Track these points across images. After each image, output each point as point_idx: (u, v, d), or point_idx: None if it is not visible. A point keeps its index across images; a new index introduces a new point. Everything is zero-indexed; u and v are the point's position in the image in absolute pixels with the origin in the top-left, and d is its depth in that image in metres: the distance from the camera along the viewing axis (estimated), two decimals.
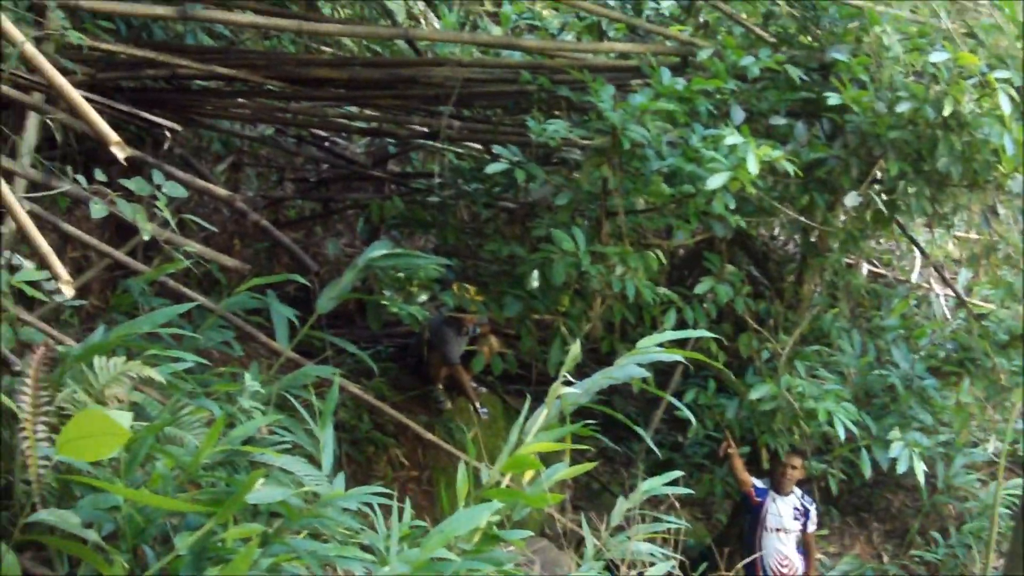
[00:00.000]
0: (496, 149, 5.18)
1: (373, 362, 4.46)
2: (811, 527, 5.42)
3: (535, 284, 4.77)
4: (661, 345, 3.25)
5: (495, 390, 5.91)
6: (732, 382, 5.06)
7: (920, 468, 5.03)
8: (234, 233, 6.27)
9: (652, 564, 3.42)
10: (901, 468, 4.96)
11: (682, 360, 3.62)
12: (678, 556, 3.62)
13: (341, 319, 5.96)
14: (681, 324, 4.80)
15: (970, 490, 6.23)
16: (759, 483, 5.39)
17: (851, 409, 4.89)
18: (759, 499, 5.35)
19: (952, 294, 6.14)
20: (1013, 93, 4.58)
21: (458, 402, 5.69)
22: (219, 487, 2.73)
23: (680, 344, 3.73)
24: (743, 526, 5.53)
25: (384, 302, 5.00)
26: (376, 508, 2.90)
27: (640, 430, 3.74)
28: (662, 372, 5.71)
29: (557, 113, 5.10)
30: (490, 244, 5.32)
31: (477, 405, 5.59)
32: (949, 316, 6.33)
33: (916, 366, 5.49)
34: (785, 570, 5.35)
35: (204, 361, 3.45)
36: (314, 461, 3.10)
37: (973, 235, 6.44)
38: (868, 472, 5.13)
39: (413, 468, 5.37)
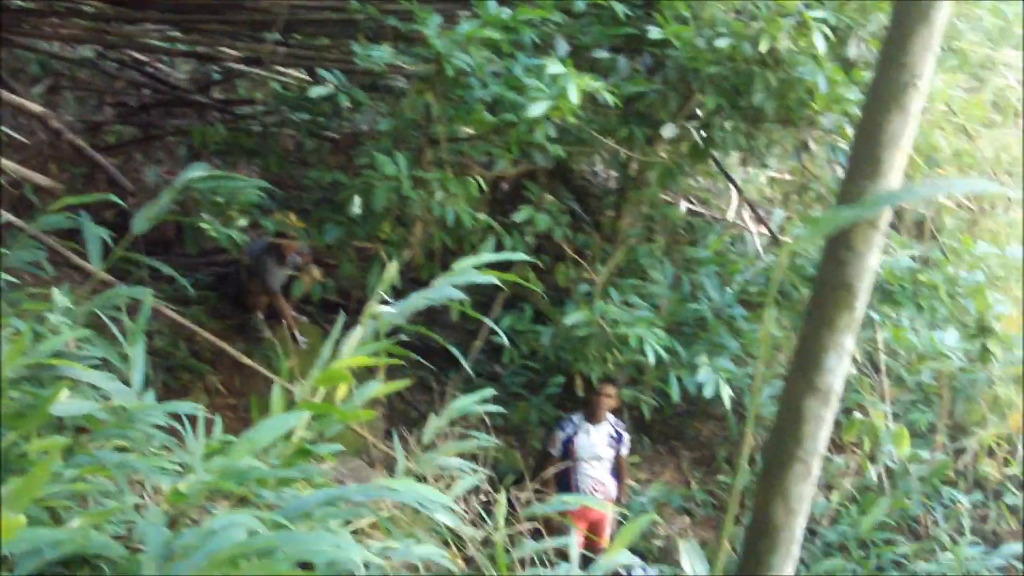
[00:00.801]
0: (321, 73, 5.69)
1: (193, 290, 4.92)
2: (624, 452, 6.30)
3: (357, 211, 5.35)
4: (478, 269, 3.83)
5: (315, 320, 6.50)
6: (548, 308, 5.85)
7: (727, 393, 5.98)
8: (50, 157, 6.49)
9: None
10: (708, 392, 5.90)
11: (501, 287, 4.25)
12: (489, 472, 4.28)
13: (160, 246, 6.37)
14: (500, 252, 5.52)
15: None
16: (571, 419, 6.16)
17: (662, 335, 5.77)
18: (569, 432, 6.09)
19: (766, 232, 7.19)
20: (828, 32, 5.46)
21: (278, 331, 6.24)
22: (23, 401, 2.87)
23: (501, 272, 4.37)
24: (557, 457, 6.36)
25: (202, 225, 5.45)
26: (188, 426, 3.12)
27: (456, 352, 4.33)
28: (482, 305, 6.44)
29: (384, 43, 5.66)
30: (313, 171, 5.85)
31: (296, 334, 6.17)
32: (762, 253, 7.38)
33: (727, 298, 6.44)
34: (598, 495, 6.17)
35: (14, 280, 3.81)
36: (125, 381, 3.44)
37: (787, 176, 7.50)
38: (676, 396, 6.04)
39: (231, 396, 5.90)
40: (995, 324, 6.82)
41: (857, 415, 6.81)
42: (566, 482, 6.02)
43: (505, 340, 4.52)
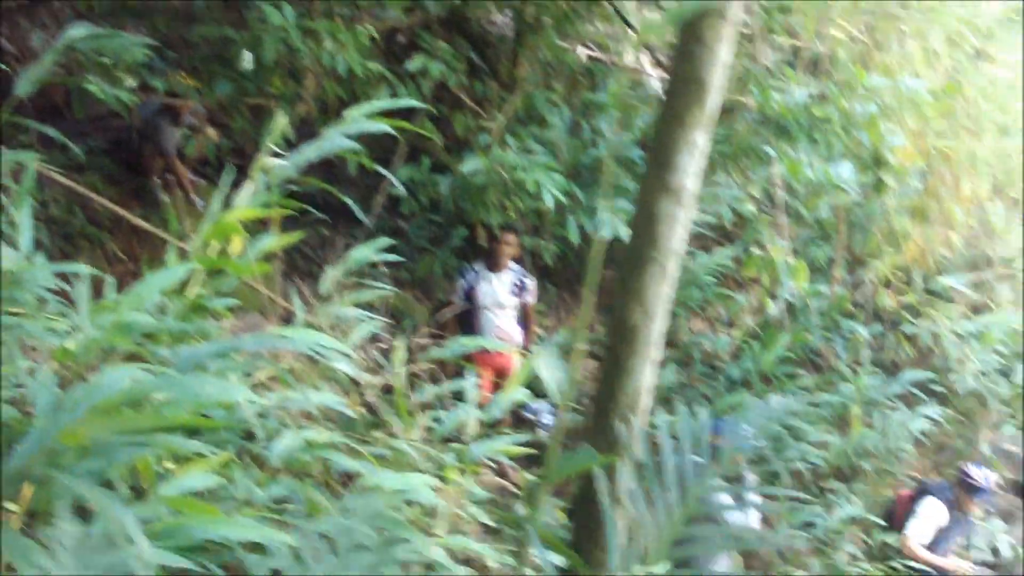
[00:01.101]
0: None
1: (86, 156, 5.38)
2: (529, 299, 7.02)
3: (247, 66, 5.85)
4: (370, 118, 4.20)
5: (213, 181, 7.06)
6: (445, 157, 6.51)
7: (625, 232, 6.71)
8: None
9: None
10: (607, 234, 6.61)
11: (401, 139, 4.81)
12: (387, 319, 4.85)
13: (49, 113, 6.77)
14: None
15: (680, 261, 8.22)
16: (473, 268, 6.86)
17: (560, 180, 6.46)
18: (471, 280, 6.78)
19: (665, 75, 7.88)
20: None
21: (175, 194, 6.78)
22: None
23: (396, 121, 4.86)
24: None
25: (90, 87, 5.89)
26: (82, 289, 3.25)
27: (351, 204, 4.71)
28: (383, 159, 7.02)
29: None
30: (202, 28, 6.28)
31: (193, 196, 6.73)
32: (663, 95, 8.08)
33: (625, 141, 7.15)
34: (503, 343, 6.85)
35: None
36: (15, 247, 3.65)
37: None
38: (575, 238, 6.78)
39: (130, 262, 6.46)
40: (889, 156, 7.69)
41: (756, 251, 7.69)
42: (472, 331, 6.76)
43: (402, 190, 5.16)
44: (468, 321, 6.85)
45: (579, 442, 3.18)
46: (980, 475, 6.89)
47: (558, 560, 2.87)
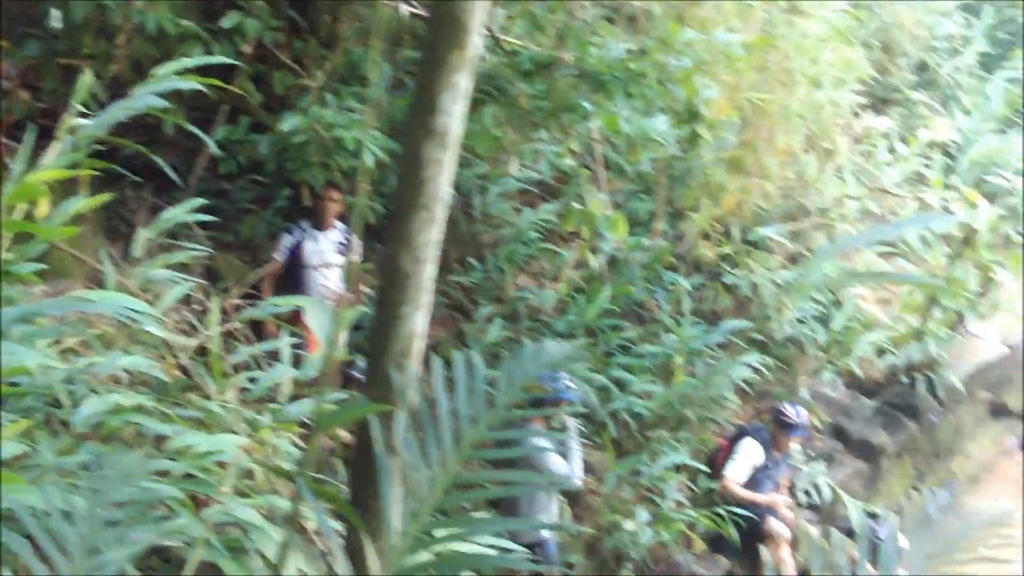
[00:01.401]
0: None
1: None
2: (355, 258, 7.62)
3: (57, 25, 6.20)
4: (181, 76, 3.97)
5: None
6: (264, 117, 7.03)
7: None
8: None
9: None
10: None
11: (221, 100, 5.22)
12: (205, 282, 5.27)
13: None
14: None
15: (505, 218, 9.00)
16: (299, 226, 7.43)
17: (379, 136, 7.08)
18: (296, 238, 7.36)
19: (487, 32, 8.58)
20: None
21: None
22: None
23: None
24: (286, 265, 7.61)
25: None
26: None
27: (163, 164, 4.60)
28: (204, 120, 7.44)
29: None
30: None
31: (6, 160, 7.00)
32: (486, 54, 8.79)
33: None
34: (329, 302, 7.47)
35: None
36: None
37: None
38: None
39: None
40: (703, 109, 8.63)
41: (575, 205, 8.54)
42: (297, 291, 7.34)
43: (215, 149, 5.63)
44: (294, 280, 7.43)
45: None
46: (793, 413, 8.02)
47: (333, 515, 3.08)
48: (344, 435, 5.43)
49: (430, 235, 2.97)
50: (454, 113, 3.02)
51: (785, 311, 9.80)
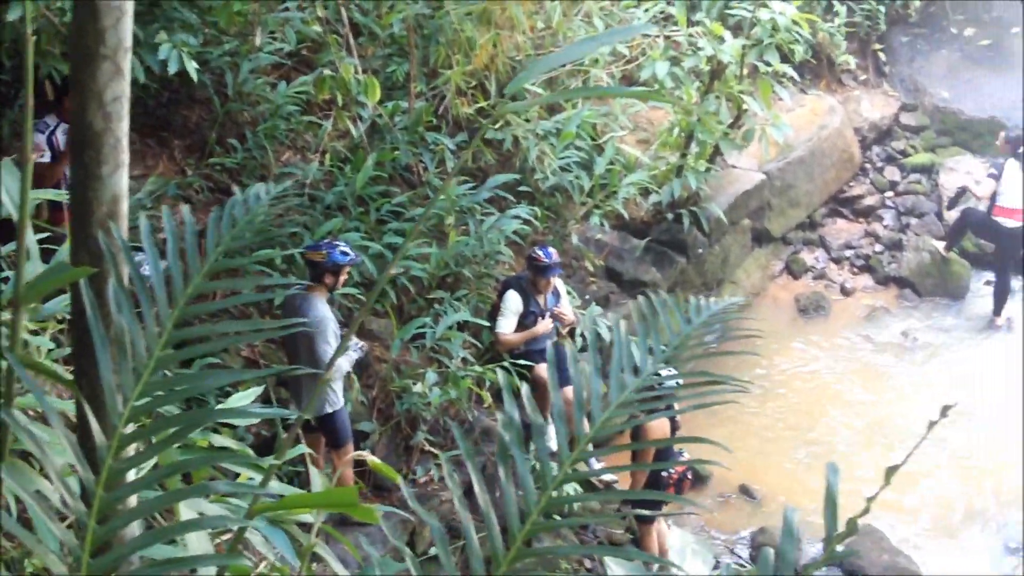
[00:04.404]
0: None
1: None
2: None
3: None
4: None
5: None
6: None
7: (192, 67, 8.04)
8: None
9: None
10: (172, 68, 7.92)
11: None
12: None
13: None
14: None
15: (261, 95, 9.68)
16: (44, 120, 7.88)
17: None
18: (48, 132, 7.81)
19: None
20: None
21: None
22: None
23: None
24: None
25: None
26: None
27: None
28: None
29: None
30: None
31: None
32: None
33: None
34: None
35: None
36: None
37: None
38: (142, 76, 7.95)
39: None
40: None
41: (327, 72, 9.31)
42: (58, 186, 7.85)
43: None
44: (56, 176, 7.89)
45: None
46: (542, 255, 9.27)
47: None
48: None
49: (118, 88, 2.91)
50: None
51: (548, 161, 10.89)
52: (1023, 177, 12.79)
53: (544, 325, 9.32)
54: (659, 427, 8.39)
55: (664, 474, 8.67)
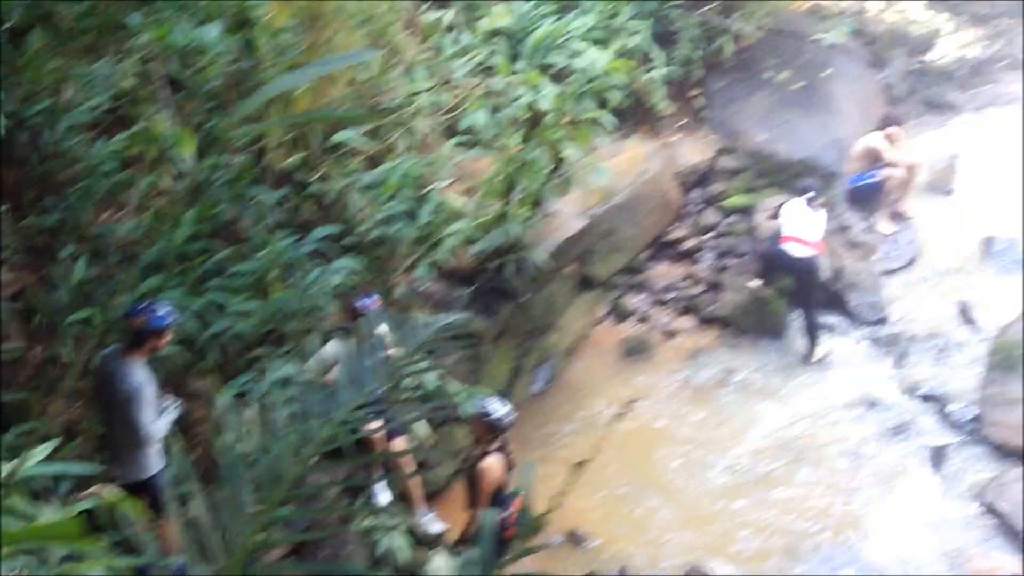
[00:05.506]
0: None
1: None
2: None
3: None
4: None
5: None
6: None
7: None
8: None
9: None
10: None
11: None
12: None
13: None
14: None
15: (77, 151, 9.77)
16: None
17: None
18: None
19: None
20: None
21: None
22: None
23: None
24: None
25: None
26: None
27: None
28: None
29: None
30: None
31: None
32: None
33: None
34: None
35: None
36: None
37: None
38: None
39: None
40: (256, 15, 9.82)
41: (145, 126, 9.51)
42: None
43: None
44: None
45: None
46: (360, 303, 9.69)
47: None
48: None
49: None
50: None
51: (372, 212, 11.27)
52: (802, 212, 14.06)
53: None
54: (493, 467, 8.84)
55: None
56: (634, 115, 15.95)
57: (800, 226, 13.90)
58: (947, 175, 17.40)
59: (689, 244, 15.77)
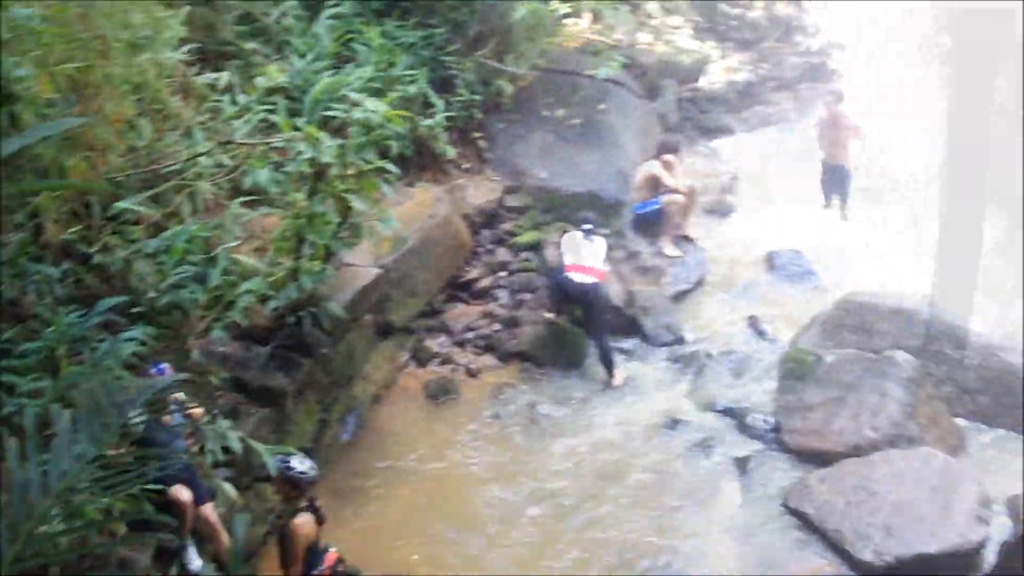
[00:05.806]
0: None
1: None
2: None
3: None
4: None
5: None
6: None
7: None
8: None
9: None
10: None
11: None
12: None
13: None
14: None
15: None
16: None
17: None
18: None
19: None
20: None
21: None
22: None
23: None
24: None
25: None
26: None
27: None
28: None
29: None
30: None
31: None
32: None
33: None
34: None
35: None
36: None
37: None
38: None
39: None
40: (19, 89, 9.70)
41: None
42: None
43: None
44: None
45: None
46: (155, 372, 9.68)
47: None
48: None
49: None
50: None
51: (160, 279, 11.20)
52: (579, 241, 14.84)
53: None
54: (303, 525, 8.93)
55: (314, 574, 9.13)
56: (420, 161, 16.28)
57: (579, 255, 14.50)
58: (726, 196, 18.29)
59: (484, 283, 16.13)
